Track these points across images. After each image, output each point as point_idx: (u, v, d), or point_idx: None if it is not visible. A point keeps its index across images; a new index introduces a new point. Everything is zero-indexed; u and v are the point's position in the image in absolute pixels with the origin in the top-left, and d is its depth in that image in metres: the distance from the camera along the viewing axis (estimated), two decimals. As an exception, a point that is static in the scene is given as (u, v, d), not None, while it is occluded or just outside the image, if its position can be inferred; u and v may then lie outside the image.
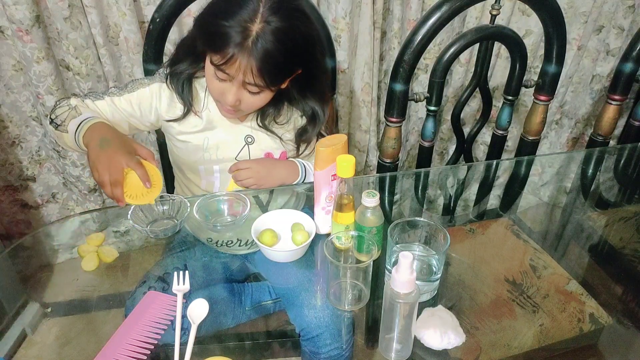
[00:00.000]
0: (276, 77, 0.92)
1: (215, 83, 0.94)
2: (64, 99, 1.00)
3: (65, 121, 0.94)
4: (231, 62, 0.87)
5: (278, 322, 0.92)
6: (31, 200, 1.62)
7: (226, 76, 0.91)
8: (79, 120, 0.92)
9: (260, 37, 0.86)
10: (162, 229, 0.91)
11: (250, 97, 0.95)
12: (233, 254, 0.95)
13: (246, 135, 1.06)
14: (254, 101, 0.96)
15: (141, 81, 1.03)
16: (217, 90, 0.95)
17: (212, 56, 0.90)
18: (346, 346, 0.78)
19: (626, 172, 1.31)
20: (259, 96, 0.95)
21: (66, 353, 0.75)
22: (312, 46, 0.95)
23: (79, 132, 0.91)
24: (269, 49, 0.86)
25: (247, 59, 0.87)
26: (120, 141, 0.88)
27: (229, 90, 0.93)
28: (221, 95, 0.95)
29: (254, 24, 0.86)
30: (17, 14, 1.25)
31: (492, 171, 1.30)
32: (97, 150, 0.86)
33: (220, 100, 0.97)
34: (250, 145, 1.07)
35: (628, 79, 1.42)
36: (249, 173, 1.02)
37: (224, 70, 0.89)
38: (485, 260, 0.96)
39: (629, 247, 1.03)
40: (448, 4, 1.14)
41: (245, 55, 0.87)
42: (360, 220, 0.83)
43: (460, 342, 0.74)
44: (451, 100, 1.87)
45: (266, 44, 0.86)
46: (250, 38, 0.86)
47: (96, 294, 0.86)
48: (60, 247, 0.95)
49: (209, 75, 0.95)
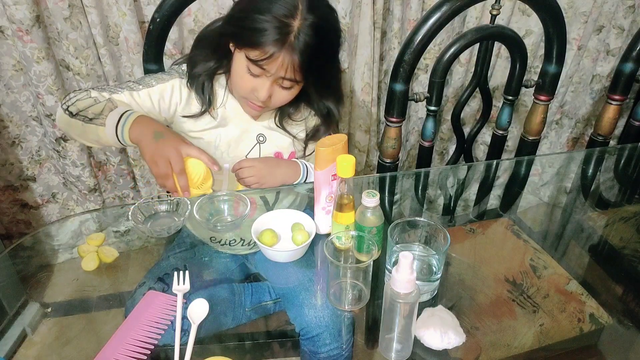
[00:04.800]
0: (312, 72, 0.93)
1: (247, 79, 0.93)
2: (79, 91, 0.97)
3: (103, 113, 0.91)
4: (273, 58, 0.88)
5: (278, 322, 0.92)
6: (31, 200, 1.62)
7: (262, 72, 0.91)
8: (118, 114, 0.91)
9: (301, 32, 0.87)
10: (163, 228, 0.90)
11: (281, 92, 0.95)
12: (234, 253, 0.95)
13: (258, 134, 1.07)
14: (284, 96, 0.97)
15: (159, 76, 1.02)
16: (248, 86, 0.95)
17: (249, 52, 0.90)
18: (346, 346, 0.78)
19: (626, 172, 1.31)
20: (290, 91, 0.96)
21: (66, 353, 0.75)
22: (339, 43, 0.97)
23: (122, 126, 0.90)
24: (310, 44, 0.87)
25: (290, 55, 0.88)
26: (171, 132, 0.92)
27: (261, 86, 0.93)
28: (252, 92, 0.95)
29: (295, 20, 0.86)
30: (17, 14, 1.25)
31: (492, 171, 1.30)
32: (153, 144, 0.88)
33: (249, 97, 0.97)
34: (261, 144, 1.07)
35: (628, 79, 1.42)
36: (252, 171, 1.02)
37: (262, 66, 0.89)
38: (485, 260, 0.96)
39: (629, 247, 1.03)
40: (448, 4, 1.14)
41: (288, 52, 0.87)
42: (360, 220, 0.83)
43: (460, 342, 0.74)
44: (451, 100, 1.87)
45: (308, 38, 0.87)
46: (292, 34, 0.87)
47: (96, 294, 0.86)
48: (60, 247, 0.95)
49: (240, 71, 0.94)
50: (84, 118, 0.92)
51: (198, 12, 1.47)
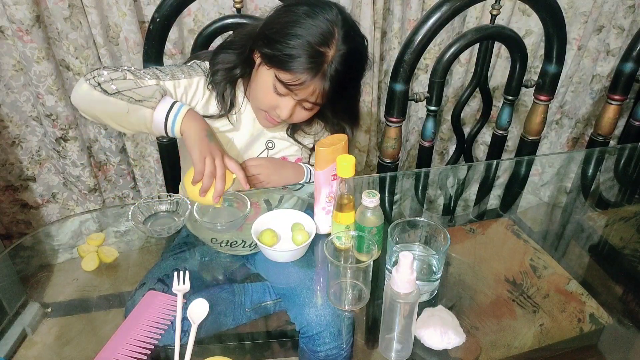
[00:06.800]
0: (337, 97, 0.94)
1: (272, 96, 0.94)
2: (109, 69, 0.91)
3: (154, 96, 0.89)
4: (304, 85, 0.89)
5: (278, 322, 0.91)
6: (31, 200, 1.62)
7: (289, 92, 0.91)
8: (170, 102, 0.91)
9: (334, 62, 0.88)
10: (163, 228, 0.90)
11: (301, 112, 0.96)
12: (236, 254, 0.95)
13: (267, 140, 1.07)
14: (304, 115, 0.98)
15: (185, 70, 1.00)
16: (270, 102, 0.95)
17: (280, 74, 0.90)
18: (345, 346, 0.78)
19: (626, 172, 1.31)
20: (311, 112, 0.97)
21: (66, 353, 0.75)
22: (365, 70, 0.98)
23: (175, 115, 0.90)
24: (341, 72, 0.88)
25: (321, 83, 0.89)
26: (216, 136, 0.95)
27: (285, 106, 0.94)
28: (273, 108, 0.95)
29: (330, 49, 0.87)
30: (17, 14, 1.25)
31: (492, 171, 1.30)
32: (206, 141, 0.89)
33: (269, 112, 0.97)
34: (270, 150, 1.08)
35: (628, 79, 1.42)
36: (258, 170, 1.02)
37: (292, 90, 0.90)
38: (486, 260, 0.96)
39: (629, 247, 1.03)
40: (448, 4, 1.14)
41: (320, 79, 0.89)
42: (360, 220, 0.83)
43: (460, 342, 0.74)
44: (451, 100, 1.87)
45: (340, 67, 0.88)
46: (326, 63, 0.88)
47: (96, 294, 0.85)
48: (60, 247, 0.95)
49: (265, 87, 0.94)
50: (129, 99, 0.89)
51: (198, 12, 1.47)
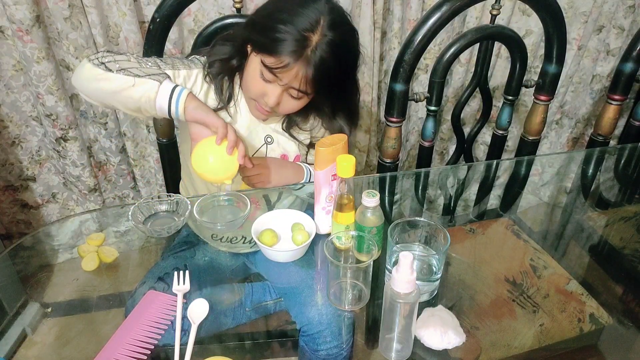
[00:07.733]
0: (323, 87, 0.95)
1: (259, 83, 0.95)
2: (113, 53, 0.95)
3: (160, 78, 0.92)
4: (287, 68, 0.89)
5: (278, 322, 0.91)
6: (31, 200, 1.62)
7: (275, 79, 0.92)
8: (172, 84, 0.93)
9: (318, 48, 0.89)
10: (163, 228, 0.90)
11: (289, 101, 0.97)
12: (235, 252, 0.95)
13: (266, 135, 1.07)
14: (292, 105, 0.98)
15: (185, 62, 1.02)
16: (258, 89, 0.96)
17: (265, 58, 0.91)
18: (345, 345, 0.78)
19: (626, 172, 1.31)
20: (299, 101, 0.97)
21: (66, 353, 0.75)
22: (356, 65, 0.99)
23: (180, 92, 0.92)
24: (325, 60, 0.89)
25: (305, 68, 0.90)
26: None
27: (272, 92, 0.94)
28: (261, 96, 0.96)
29: (314, 34, 0.88)
30: (17, 14, 1.25)
31: (492, 171, 1.30)
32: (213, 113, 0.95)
33: (258, 100, 0.98)
34: (269, 145, 1.08)
35: (628, 79, 1.42)
36: (259, 169, 1.02)
37: (276, 74, 0.91)
38: (485, 260, 0.96)
39: (629, 247, 1.03)
40: (448, 4, 1.14)
41: (303, 64, 0.89)
42: (360, 220, 0.83)
43: (460, 342, 0.74)
44: (451, 100, 1.87)
45: (324, 54, 0.89)
46: (309, 47, 0.88)
47: (96, 294, 0.86)
48: (60, 247, 0.95)
49: (253, 73, 0.95)
50: (135, 75, 0.91)
51: (198, 12, 1.47)
